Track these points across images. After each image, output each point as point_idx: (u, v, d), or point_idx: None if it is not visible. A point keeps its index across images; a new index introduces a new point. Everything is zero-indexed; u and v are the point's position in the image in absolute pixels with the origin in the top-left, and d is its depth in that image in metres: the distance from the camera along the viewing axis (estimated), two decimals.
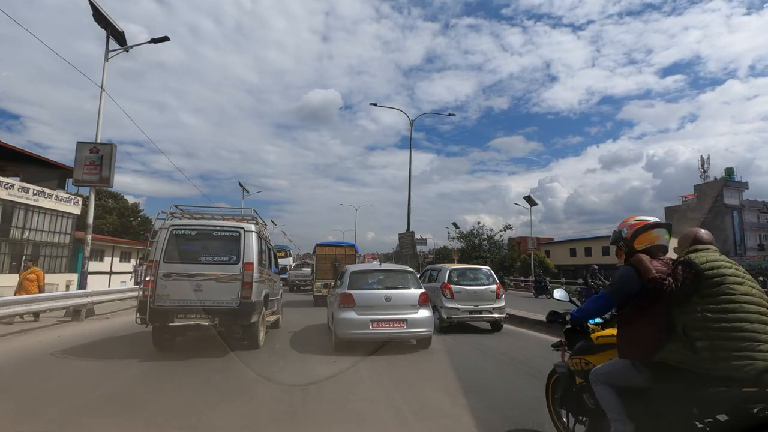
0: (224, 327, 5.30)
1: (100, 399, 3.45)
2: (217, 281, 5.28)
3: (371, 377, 4.29)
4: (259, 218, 6.59)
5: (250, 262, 5.51)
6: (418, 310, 5.85)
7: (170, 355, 5.18)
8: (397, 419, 3.10)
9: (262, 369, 4.59)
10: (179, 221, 5.88)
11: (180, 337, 5.86)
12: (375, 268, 6.91)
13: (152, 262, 5.25)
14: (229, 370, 4.61)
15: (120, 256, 30.65)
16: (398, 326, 5.68)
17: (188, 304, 5.14)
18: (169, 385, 3.95)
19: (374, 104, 19.00)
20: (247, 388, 3.89)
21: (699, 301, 1.73)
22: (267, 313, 6.80)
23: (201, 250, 5.49)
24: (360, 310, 5.69)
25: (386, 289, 5.98)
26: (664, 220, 2.22)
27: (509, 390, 3.72)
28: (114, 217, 38.54)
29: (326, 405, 3.38)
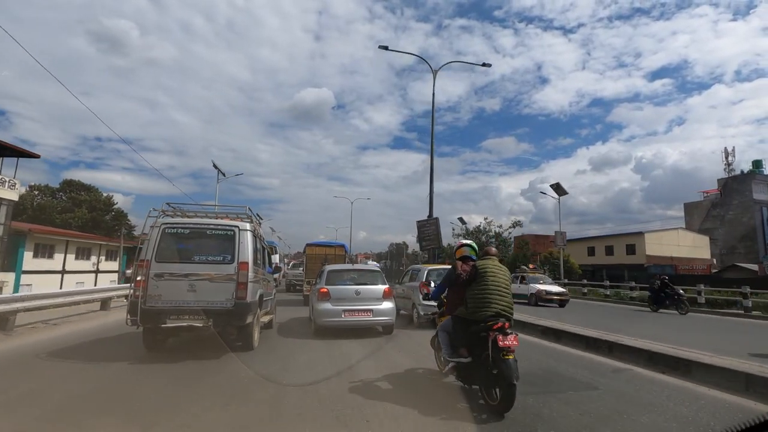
0: (219, 328, 5.60)
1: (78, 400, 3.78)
2: (211, 281, 5.58)
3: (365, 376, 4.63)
4: (253, 216, 6.90)
5: (245, 262, 5.81)
6: (382, 302, 7.78)
7: (159, 357, 5.44)
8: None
9: (256, 369, 4.88)
10: (172, 219, 6.14)
11: (172, 338, 6.16)
12: (348, 267, 9.31)
13: (143, 262, 5.51)
14: (222, 370, 4.89)
15: (77, 252, 28.04)
16: (365, 315, 7.59)
17: (181, 304, 5.42)
18: (163, 386, 4.23)
19: (385, 47, 16.47)
20: (242, 389, 4.14)
21: (474, 285, 4.00)
22: (261, 313, 7.13)
23: (194, 249, 5.77)
24: (334, 302, 7.55)
25: (356, 285, 7.91)
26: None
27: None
28: (84, 210, 38.52)
29: (318, 405, 3.63)
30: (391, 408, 3.57)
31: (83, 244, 28.53)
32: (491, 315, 3.78)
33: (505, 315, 3.83)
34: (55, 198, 41.06)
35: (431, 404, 3.71)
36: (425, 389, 4.29)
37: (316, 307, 7.58)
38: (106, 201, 42.96)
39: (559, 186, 28.05)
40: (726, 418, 3.34)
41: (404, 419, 3.32)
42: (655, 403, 3.83)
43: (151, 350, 5.75)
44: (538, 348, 6.74)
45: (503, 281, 4.02)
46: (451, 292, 4.54)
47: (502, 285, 3.98)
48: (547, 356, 6.03)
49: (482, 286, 3.94)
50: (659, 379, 4.77)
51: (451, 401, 3.92)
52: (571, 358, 5.95)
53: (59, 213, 36.83)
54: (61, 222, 34.73)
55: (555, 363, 5.53)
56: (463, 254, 4.57)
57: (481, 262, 4.21)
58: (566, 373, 4.97)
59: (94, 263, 30.07)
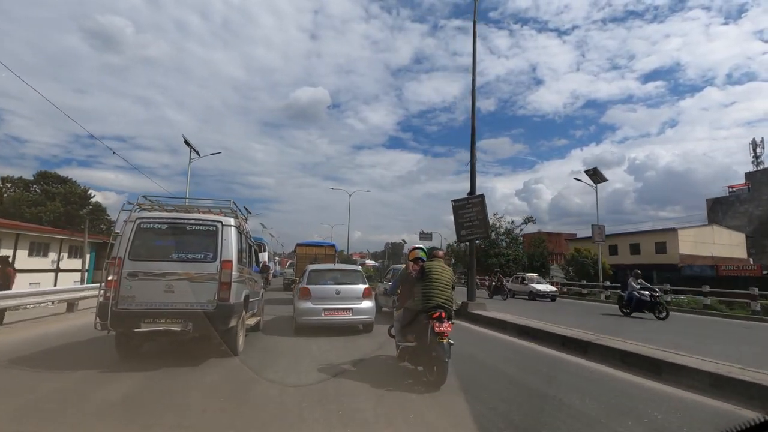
0: (199, 332, 5.56)
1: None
2: (190, 281, 5.55)
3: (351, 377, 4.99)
4: (238, 211, 6.86)
5: (229, 260, 5.80)
6: (362, 301, 8.54)
7: (129, 364, 5.38)
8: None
9: (236, 374, 5.01)
10: (148, 213, 6.11)
11: (148, 343, 6.15)
12: (330, 267, 10.24)
13: (115, 260, 5.47)
14: (198, 381, 4.86)
15: (30, 248, 26.02)
16: (345, 314, 8.33)
17: (157, 306, 5.39)
18: (132, 397, 4.22)
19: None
20: (222, 399, 4.17)
21: (421, 282, 5.14)
22: (247, 315, 7.15)
23: (172, 246, 5.75)
24: (315, 301, 8.31)
25: (337, 284, 8.66)
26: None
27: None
28: (57, 203, 38.69)
29: (304, 407, 3.89)
30: (351, 385, 4.73)
31: (39, 239, 26.52)
32: (432, 307, 4.93)
33: (444, 307, 4.97)
34: (28, 191, 41.40)
35: (384, 383, 4.82)
36: (383, 371, 5.48)
37: (297, 305, 8.40)
38: (82, 194, 43.08)
39: (596, 172, 25.96)
40: (695, 420, 3.87)
41: (359, 395, 4.38)
42: (629, 407, 4.22)
43: (124, 356, 5.71)
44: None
45: (445, 279, 5.23)
46: (403, 288, 5.83)
47: (444, 282, 5.18)
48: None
49: (427, 283, 5.14)
50: (630, 380, 5.36)
51: (401, 379, 5.04)
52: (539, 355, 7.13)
53: (30, 206, 37.03)
54: (31, 216, 34.83)
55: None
56: (416, 256, 5.83)
57: (428, 263, 5.44)
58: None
59: (54, 261, 28.46)
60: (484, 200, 12.52)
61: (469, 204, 12.69)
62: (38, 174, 44.04)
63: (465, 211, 12.68)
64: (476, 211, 12.40)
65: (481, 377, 5.30)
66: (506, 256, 38.21)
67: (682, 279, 27.16)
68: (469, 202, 12.70)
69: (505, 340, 8.39)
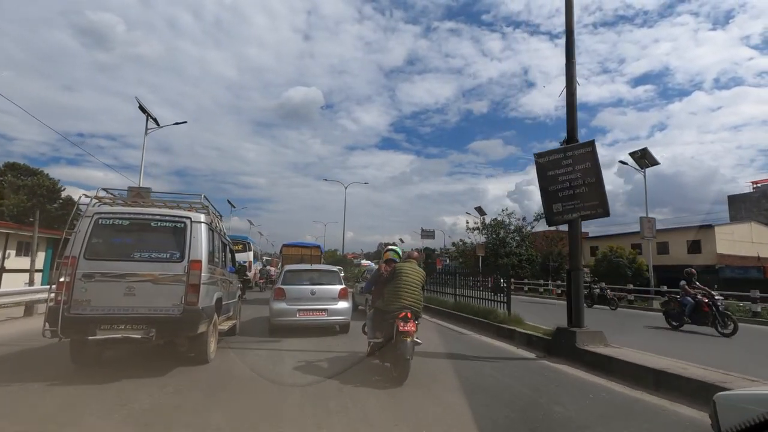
0: (163, 339, 5.32)
1: None
2: (154, 283, 5.29)
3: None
4: (211, 207, 6.60)
5: (198, 260, 5.57)
6: (337, 302, 8.85)
7: (85, 376, 5.19)
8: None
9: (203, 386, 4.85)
10: (107, 208, 5.80)
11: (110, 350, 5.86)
12: (306, 268, 10.34)
13: (68, 259, 5.14)
14: (152, 393, 4.64)
15: None
16: (320, 315, 8.65)
17: (116, 311, 5.10)
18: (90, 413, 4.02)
19: None
20: (188, 412, 4.00)
21: (392, 282, 5.72)
22: (221, 319, 6.99)
23: (135, 245, 5.47)
24: (290, 301, 8.64)
25: (312, 285, 8.99)
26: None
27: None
28: (23, 197, 38.61)
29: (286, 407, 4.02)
30: (320, 381, 5.34)
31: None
32: (399, 307, 5.47)
33: (411, 308, 5.50)
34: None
35: (354, 378, 5.34)
36: (354, 368, 6.00)
37: (272, 306, 8.71)
38: (50, 187, 42.99)
39: (645, 152, 23.12)
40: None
41: (329, 389, 4.92)
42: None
43: (79, 365, 5.46)
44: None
45: (414, 281, 5.72)
46: (375, 287, 6.29)
47: (413, 284, 5.70)
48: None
49: (397, 284, 5.68)
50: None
51: (369, 375, 5.55)
52: None
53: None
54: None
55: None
56: (388, 257, 6.43)
57: (399, 264, 5.95)
58: None
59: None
60: (596, 150, 7.50)
61: (568, 158, 7.62)
62: (5, 165, 43.67)
63: (561, 172, 7.65)
64: (582, 171, 7.45)
65: None
66: (518, 256, 36.72)
67: (720, 282, 23.85)
68: (568, 154, 7.66)
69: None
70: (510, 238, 38.26)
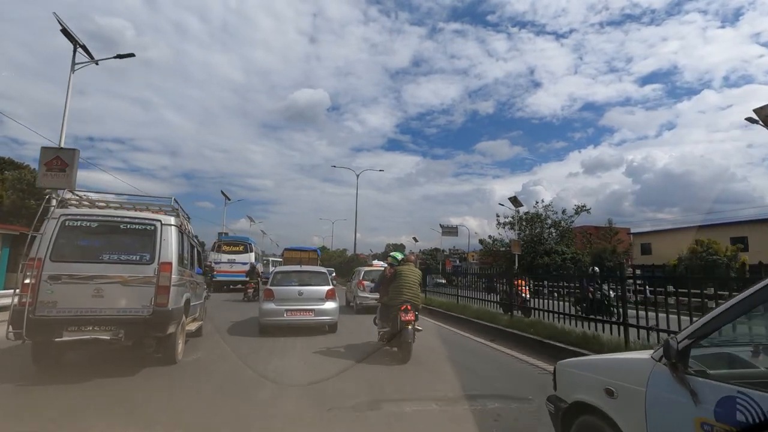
0: (132, 340, 5.32)
1: None
2: (123, 285, 5.30)
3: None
4: (181, 209, 6.60)
5: (168, 262, 5.59)
6: (325, 302, 9.06)
7: (49, 377, 5.22)
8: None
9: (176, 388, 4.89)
10: (75, 210, 5.79)
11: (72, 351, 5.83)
12: (295, 269, 10.47)
13: (33, 261, 5.11)
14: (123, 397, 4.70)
15: None
16: (307, 315, 8.87)
17: (84, 313, 5.10)
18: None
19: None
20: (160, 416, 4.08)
21: (393, 282, 7.03)
22: (188, 320, 6.98)
23: (103, 247, 5.45)
24: (278, 301, 8.88)
25: (300, 286, 9.24)
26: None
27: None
28: (5, 191, 37.46)
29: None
30: (338, 361, 6.70)
31: None
32: (401, 301, 6.76)
33: (410, 301, 6.79)
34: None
35: (363, 359, 6.78)
36: (365, 351, 7.30)
37: (261, 306, 8.98)
38: (32, 181, 41.74)
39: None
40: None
41: (345, 366, 6.33)
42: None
43: (41, 365, 5.41)
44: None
45: (412, 280, 7.03)
46: (381, 287, 7.49)
47: (412, 282, 6.99)
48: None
49: (398, 283, 6.97)
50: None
51: (379, 356, 6.92)
52: None
53: None
54: None
55: None
56: (390, 261, 7.67)
57: (399, 267, 7.22)
58: None
59: None
60: None
61: None
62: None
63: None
64: None
65: None
66: (561, 255, 31.03)
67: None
68: None
69: None
70: (547, 233, 33.26)
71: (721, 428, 1.81)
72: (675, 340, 2.10)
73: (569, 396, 2.81)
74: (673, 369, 2.05)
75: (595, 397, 2.52)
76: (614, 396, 2.39)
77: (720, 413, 1.82)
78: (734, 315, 2.02)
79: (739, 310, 1.99)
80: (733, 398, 1.79)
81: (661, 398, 2.12)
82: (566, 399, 2.83)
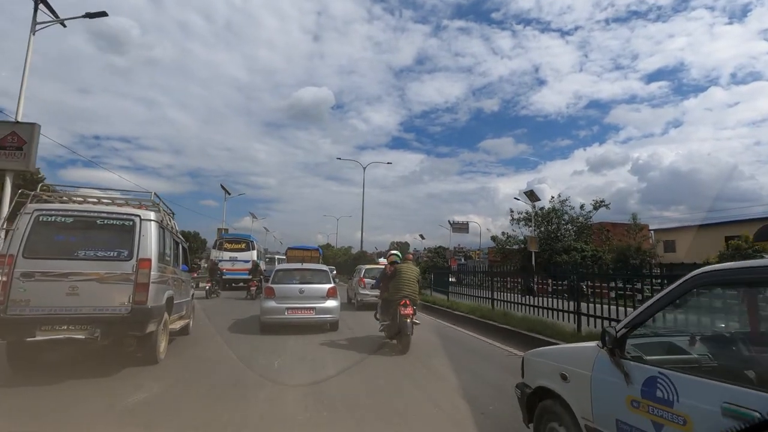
0: (109, 340, 5.16)
1: None
2: (100, 282, 5.13)
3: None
4: (162, 204, 6.43)
5: (147, 259, 5.42)
6: (326, 300, 9.07)
7: (25, 378, 5.10)
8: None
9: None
10: (50, 205, 5.59)
11: None
12: (296, 267, 10.55)
13: (5, 257, 4.93)
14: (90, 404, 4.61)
15: None
16: (308, 313, 8.87)
17: (58, 312, 4.92)
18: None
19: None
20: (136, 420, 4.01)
21: (394, 279, 7.61)
22: (174, 318, 6.90)
23: (79, 243, 5.28)
24: (279, 300, 8.90)
25: (301, 284, 9.25)
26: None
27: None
28: None
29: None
30: (342, 352, 7.26)
31: None
32: (400, 297, 7.26)
33: (409, 297, 7.30)
34: None
35: (368, 350, 7.34)
36: (366, 344, 7.88)
37: (262, 304, 9.05)
38: (23, 174, 41.00)
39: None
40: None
41: (348, 356, 6.91)
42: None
43: (17, 368, 5.24)
44: None
45: (411, 277, 7.60)
46: (383, 283, 8.02)
47: (410, 279, 7.55)
48: None
49: (398, 280, 7.52)
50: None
51: (380, 348, 7.47)
52: None
53: None
54: None
55: None
56: (392, 260, 8.08)
57: (398, 265, 7.78)
58: None
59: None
60: None
61: None
62: None
63: None
64: None
65: None
66: (581, 252, 28.55)
67: None
68: None
69: None
70: (566, 229, 31.43)
71: (646, 404, 2.12)
72: (614, 329, 2.38)
73: (533, 382, 3.10)
74: (611, 354, 2.35)
75: (553, 382, 2.84)
76: (567, 380, 2.71)
77: (645, 391, 2.13)
78: (658, 308, 2.32)
79: (662, 304, 2.29)
80: (654, 378, 2.10)
81: (602, 380, 2.43)
82: (531, 385, 3.13)
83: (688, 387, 1.95)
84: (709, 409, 1.81)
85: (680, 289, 2.22)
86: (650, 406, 2.10)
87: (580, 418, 2.56)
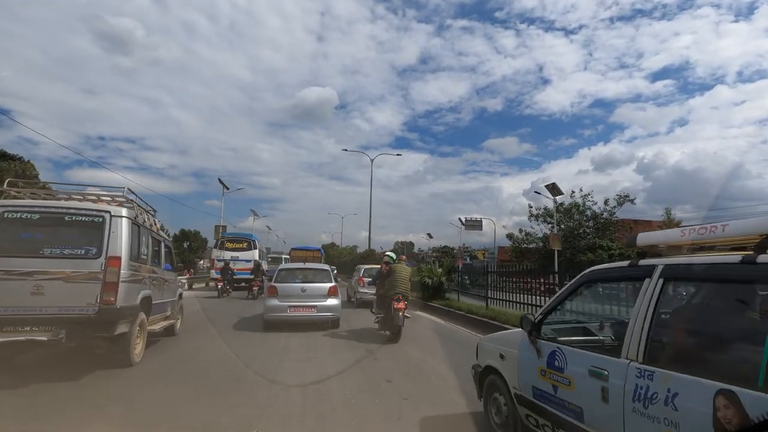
0: (75, 342, 4.97)
1: None
2: (66, 281, 4.93)
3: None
4: (137, 201, 6.23)
5: (117, 256, 5.21)
6: (327, 299, 9.36)
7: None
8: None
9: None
10: (14, 201, 5.40)
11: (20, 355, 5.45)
12: (299, 266, 10.95)
13: None
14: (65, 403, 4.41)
15: None
16: (309, 311, 9.15)
17: (19, 312, 4.73)
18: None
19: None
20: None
21: (388, 278, 8.77)
22: (156, 318, 6.72)
23: (45, 240, 5.08)
24: (281, 298, 9.19)
25: (303, 283, 9.51)
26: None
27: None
28: None
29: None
30: (336, 342, 8.11)
31: None
32: (394, 293, 8.19)
33: (402, 293, 8.27)
34: None
35: (363, 341, 8.14)
36: (363, 335, 8.77)
37: (265, 302, 9.39)
38: (16, 170, 40.87)
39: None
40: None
41: (342, 347, 7.61)
42: None
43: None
44: None
45: (404, 276, 8.57)
46: (378, 281, 9.21)
47: (403, 278, 8.51)
48: None
49: (392, 279, 8.50)
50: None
51: (375, 338, 8.28)
52: None
53: None
54: None
55: None
56: (386, 260, 9.09)
57: (393, 265, 8.81)
58: None
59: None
60: None
61: None
62: None
63: None
64: None
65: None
66: (607, 251, 26.48)
67: None
68: None
69: None
70: (587, 225, 29.28)
71: (549, 372, 2.86)
72: (532, 315, 3.25)
73: (483, 362, 3.82)
74: (529, 335, 3.11)
75: (495, 361, 3.60)
76: (504, 359, 3.46)
77: (549, 362, 2.87)
78: (562, 299, 3.12)
79: (564, 296, 3.11)
80: (554, 352, 2.85)
81: (524, 357, 3.17)
82: (481, 365, 3.85)
83: (574, 357, 2.68)
84: (582, 372, 2.54)
85: (576, 284, 3.00)
86: (551, 373, 2.82)
87: (511, 387, 3.31)
